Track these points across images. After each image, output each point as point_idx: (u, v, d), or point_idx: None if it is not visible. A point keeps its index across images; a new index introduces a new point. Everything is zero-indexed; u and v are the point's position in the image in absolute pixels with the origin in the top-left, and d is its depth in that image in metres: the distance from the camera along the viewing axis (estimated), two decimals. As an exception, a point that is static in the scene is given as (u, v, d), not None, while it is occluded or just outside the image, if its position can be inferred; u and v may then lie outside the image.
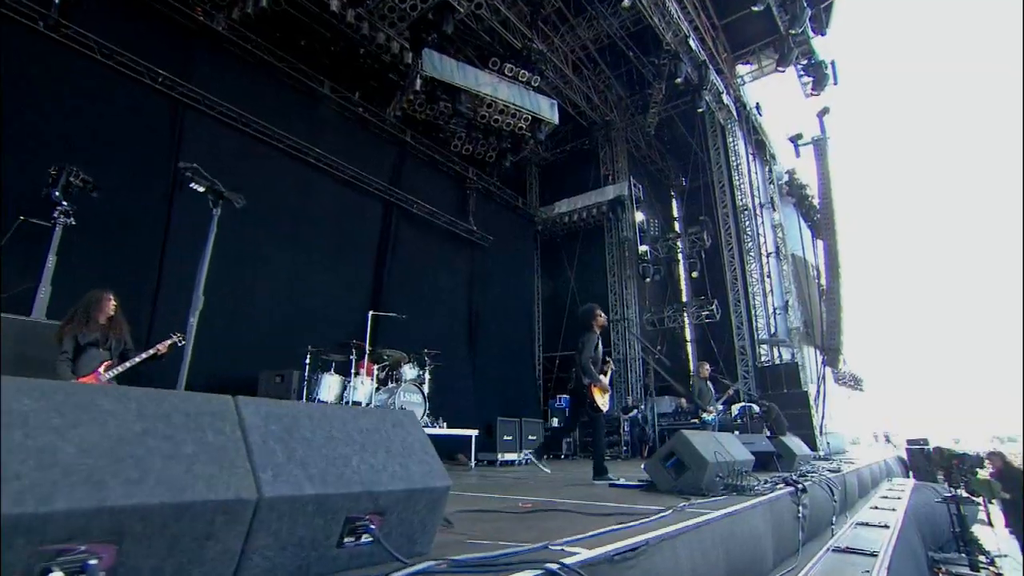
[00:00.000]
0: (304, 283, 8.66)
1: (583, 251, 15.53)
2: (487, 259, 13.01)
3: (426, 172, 11.81)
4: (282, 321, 8.25)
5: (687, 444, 4.04)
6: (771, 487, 4.14)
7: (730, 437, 4.85)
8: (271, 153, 8.55)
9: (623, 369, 14.25)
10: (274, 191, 8.53)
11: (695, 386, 7.80)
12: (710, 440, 4.32)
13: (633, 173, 15.35)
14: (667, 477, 4.09)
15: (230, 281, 7.68)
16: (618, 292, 14.78)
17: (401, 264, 10.79)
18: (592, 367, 4.94)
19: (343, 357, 6.81)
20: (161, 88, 7.08)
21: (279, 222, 8.57)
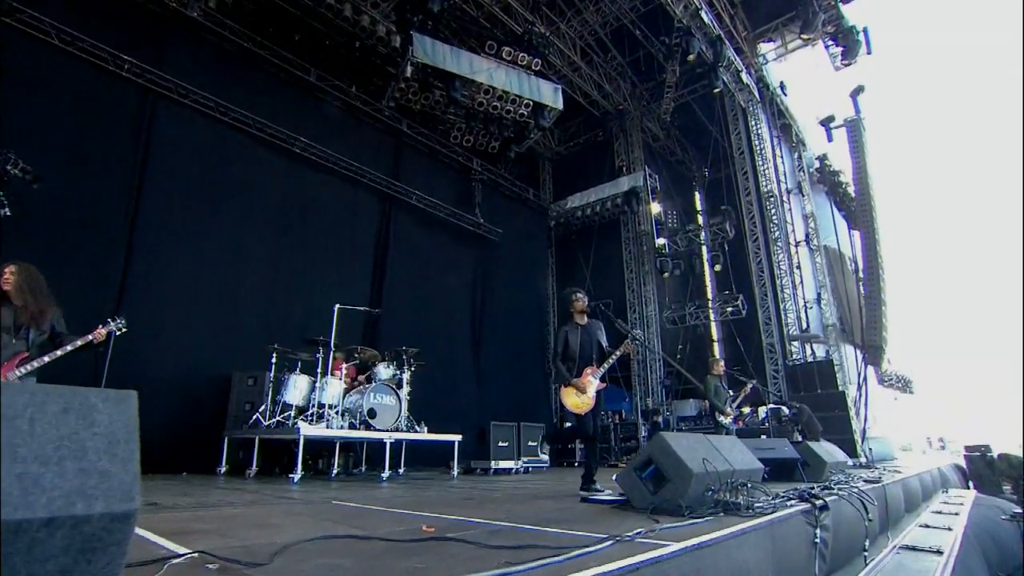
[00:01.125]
0: (293, 280, 8.24)
1: (599, 247, 14.71)
2: (496, 255, 12.41)
3: (426, 164, 11.30)
4: (267, 320, 7.81)
5: (667, 449, 3.24)
6: (779, 504, 3.27)
7: (732, 441, 3.98)
8: (251, 144, 8.15)
9: (643, 370, 13.32)
10: (257, 183, 8.16)
11: (709, 386, 6.88)
12: (700, 445, 3.49)
13: (650, 165, 14.45)
14: (643, 491, 3.29)
15: (211, 277, 7.31)
16: (636, 289, 13.90)
17: (402, 259, 10.28)
18: (560, 364, 4.21)
19: (309, 356, 6.27)
20: (128, 76, 6.71)
21: (263, 216, 8.19)
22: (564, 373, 4.16)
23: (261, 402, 6.27)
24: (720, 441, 3.80)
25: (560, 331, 4.30)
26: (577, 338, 4.30)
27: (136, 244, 6.48)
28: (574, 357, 4.22)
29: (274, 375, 6.27)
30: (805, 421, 9.64)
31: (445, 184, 11.56)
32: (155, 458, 6.07)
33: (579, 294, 4.40)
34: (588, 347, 4.29)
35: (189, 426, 6.47)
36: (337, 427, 5.87)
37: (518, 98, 10.85)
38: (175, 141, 7.15)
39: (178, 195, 7.03)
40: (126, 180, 6.53)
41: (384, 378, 6.63)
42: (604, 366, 4.21)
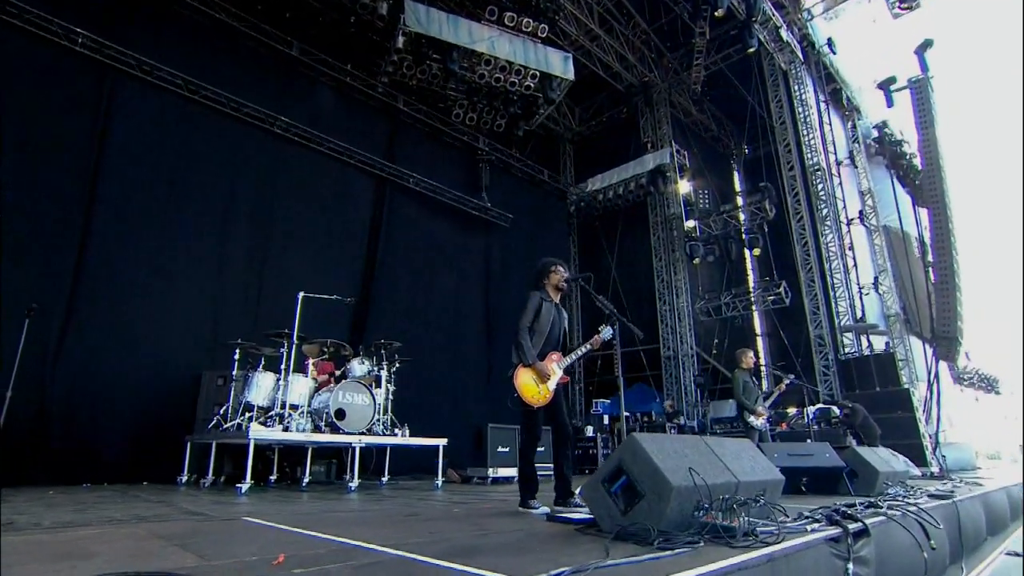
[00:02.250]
0: (273, 271, 7.89)
1: (624, 233, 14.10)
2: (508, 243, 11.89)
3: (426, 145, 10.86)
4: (245, 315, 7.50)
5: (640, 455, 2.57)
6: (793, 528, 2.54)
7: (742, 446, 3.24)
8: (226, 124, 7.85)
9: (675, 368, 12.46)
10: (233, 167, 7.85)
11: (736, 382, 6.08)
12: (691, 450, 2.78)
13: (681, 142, 13.63)
14: (611, 509, 2.63)
15: (179, 269, 7.06)
16: (666, 278, 13.10)
17: (398, 248, 9.87)
18: (527, 338, 3.56)
19: (273, 351, 5.87)
20: (83, 51, 6.46)
21: (241, 201, 7.87)
22: (530, 350, 3.52)
23: (238, 403, 5.87)
24: (724, 446, 3.07)
25: (534, 297, 3.66)
26: (550, 315, 3.68)
27: (92, 235, 6.23)
28: (543, 335, 3.61)
29: (237, 373, 5.89)
30: (860, 423, 8.64)
31: (448, 166, 11.07)
32: (112, 466, 5.80)
33: (560, 267, 3.81)
34: (557, 329, 3.72)
35: (152, 431, 6.18)
36: (299, 429, 5.40)
37: (523, 69, 10.22)
38: (137, 123, 6.88)
39: (141, 181, 6.77)
40: (81, 166, 6.28)
41: (357, 375, 6.16)
42: (571, 357, 3.65)
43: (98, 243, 6.27)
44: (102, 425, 5.90)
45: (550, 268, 3.79)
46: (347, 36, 9.46)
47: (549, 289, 3.76)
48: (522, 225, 12.11)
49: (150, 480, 5.90)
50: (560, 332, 3.74)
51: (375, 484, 6.61)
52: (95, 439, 5.81)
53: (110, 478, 5.72)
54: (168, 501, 4.05)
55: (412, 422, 7.47)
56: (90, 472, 5.63)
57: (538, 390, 3.55)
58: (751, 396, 6.07)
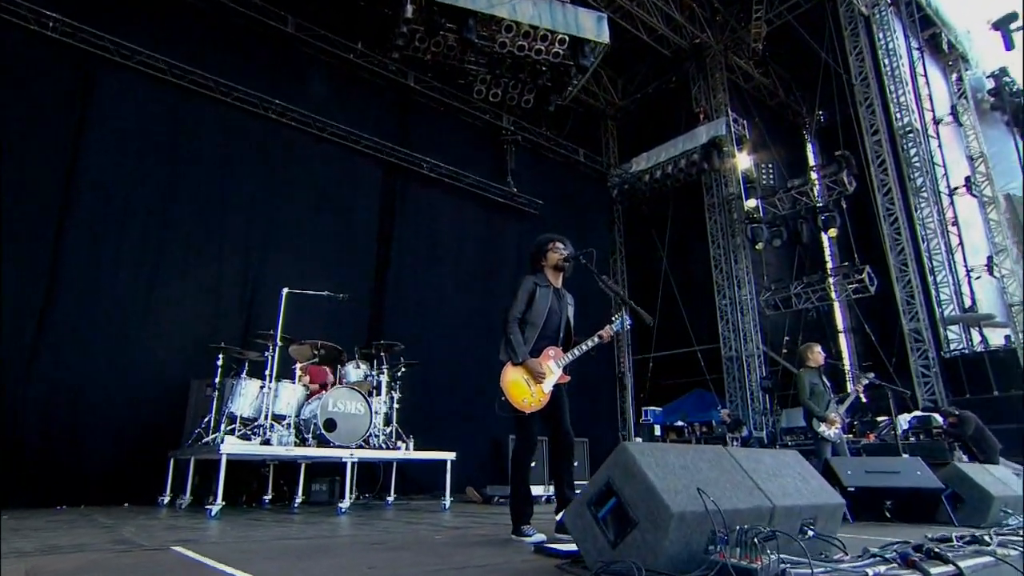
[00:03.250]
0: (272, 270, 7.76)
1: (676, 219, 13.41)
2: (540, 233, 11.31)
3: (443, 126, 10.63)
4: (241, 319, 7.46)
5: (632, 471, 2.16)
6: (849, 572, 2.03)
7: (786, 460, 2.70)
8: (216, 111, 7.82)
9: (738, 370, 11.68)
10: (225, 156, 7.83)
11: (801, 383, 5.48)
12: (705, 463, 2.31)
13: (740, 111, 12.83)
14: (598, 539, 2.22)
15: (167, 269, 7.06)
16: (725, 268, 12.36)
17: (414, 241, 9.72)
18: (516, 331, 3.30)
19: (258, 355, 5.74)
20: (56, 36, 6.54)
21: (234, 194, 7.83)
22: (519, 344, 3.28)
23: (221, 414, 5.74)
24: (758, 460, 2.55)
25: (526, 282, 3.44)
26: (546, 302, 3.42)
27: (68, 233, 6.28)
28: (536, 327, 3.37)
29: (220, 380, 5.77)
30: (972, 435, 7.71)
31: (468, 149, 10.82)
32: (92, 487, 5.79)
33: (559, 243, 3.59)
34: (557, 319, 3.47)
35: (136, 446, 6.14)
36: (281, 442, 5.19)
37: (550, 33, 9.75)
38: (118, 111, 6.91)
39: (123, 174, 6.79)
40: (57, 159, 6.33)
41: (352, 380, 5.97)
42: (573, 353, 3.39)
43: (75, 242, 6.31)
44: (81, 441, 5.91)
45: (546, 246, 3.58)
46: (348, 8, 9.34)
47: (548, 272, 3.54)
48: (556, 213, 11.69)
49: (132, 501, 5.83)
50: (561, 323, 3.50)
51: (379, 505, 6.41)
52: (73, 456, 5.81)
53: (89, 499, 5.70)
54: (117, 526, 3.89)
55: (426, 434, 7.19)
56: (68, 493, 5.62)
57: (530, 392, 3.28)
58: (820, 400, 5.43)
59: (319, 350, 5.95)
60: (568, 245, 3.63)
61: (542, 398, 3.28)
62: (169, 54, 7.30)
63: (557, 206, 11.84)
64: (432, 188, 10.09)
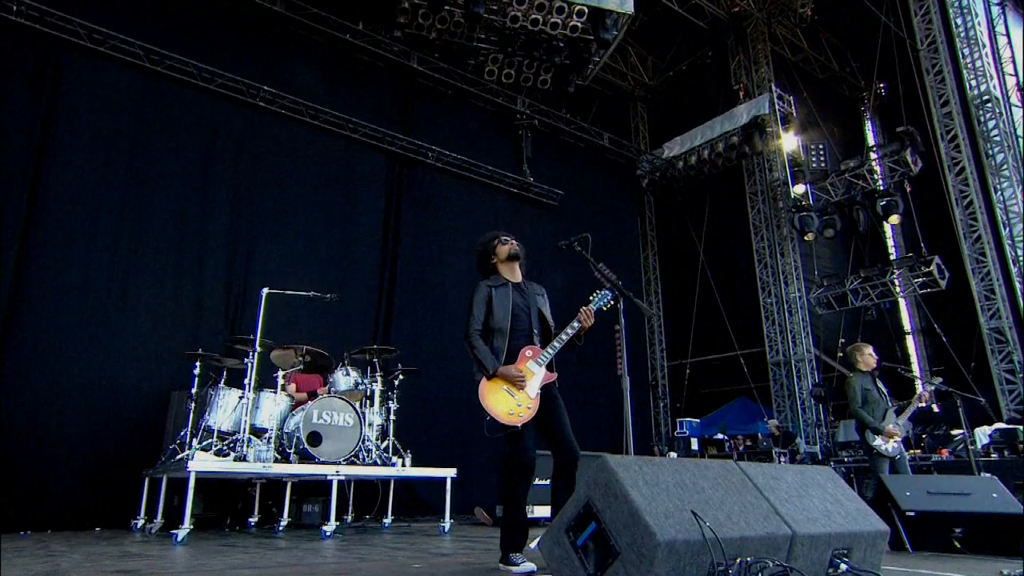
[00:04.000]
0: (262, 272, 7.65)
1: (714, 209, 13.07)
2: (560, 227, 11.21)
3: (451, 111, 10.46)
4: (228, 325, 7.39)
5: (614, 491, 1.91)
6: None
7: (811, 477, 2.39)
8: (199, 99, 7.76)
9: (787, 377, 11.23)
10: (208, 149, 7.76)
11: (851, 389, 5.11)
12: (707, 481, 2.06)
13: (786, 86, 12.42)
14: (577, 570, 1.96)
15: (146, 271, 7.01)
16: (770, 262, 11.98)
17: (422, 237, 9.58)
18: (480, 342, 3.25)
19: (237, 363, 5.62)
20: (20, 20, 6.53)
21: (219, 189, 7.76)
22: (486, 355, 3.19)
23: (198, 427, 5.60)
24: (778, 477, 2.25)
25: (479, 289, 3.38)
26: (508, 301, 3.34)
27: (35, 232, 6.24)
28: (503, 331, 3.28)
29: (197, 391, 5.64)
30: (1063, 451, 7.15)
31: (479, 135, 10.69)
32: (62, 510, 5.74)
33: (502, 235, 3.59)
34: (525, 316, 3.40)
35: (110, 464, 6.06)
36: (261, 458, 5.05)
37: (567, 5, 9.52)
38: (90, 101, 6.85)
39: (96, 169, 6.73)
40: (22, 153, 6.28)
41: (341, 389, 5.81)
42: (553, 347, 3.28)
43: (42, 243, 6.27)
44: (48, 460, 5.84)
45: (491, 243, 3.54)
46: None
47: (502, 268, 3.50)
48: (577, 204, 11.53)
49: (105, 524, 5.76)
50: (532, 318, 3.41)
51: (376, 527, 6.25)
52: (39, 477, 5.73)
53: (58, 523, 5.62)
54: (68, 554, 3.76)
55: (429, 449, 7.04)
56: (35, 517, 5.55)
57: (515, 402, 3.14)
58: (875, 409, 5.03)
59: (304, 356, 5.80)
60: (511, 237, 3.59)
61: (530, 404, 3.16)
62: (145, 38, 7.24)
63: (579, 197, 11.62)
64: (441, 179, 9.95)
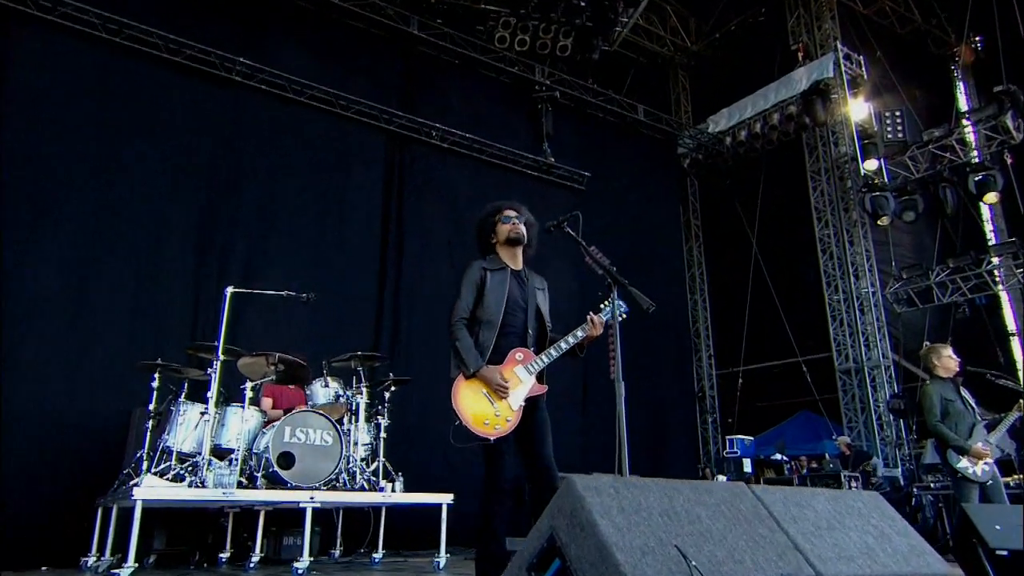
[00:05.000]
0: (236, 269, 7.65)
1: (768, 192, 12.76)
2: (589, 214, 10.81)
3: (457, 84, 10.43)
4: (196, 332, 7.28)
5: (580, 521, 1.76)
6: None
7: (846, 504, 2.15)
8: (166, 73, 7.72)
9: (857, 387, 10.92)
10: (179, 128, 7.73)
11: (928, 399, 4.81)
12: (706, 509, 1.98)
13: (855, 44, 12.03)
14: None
15: (103, 270, 6.99)
16: (837, 253, 11.65)
17: (425, 226, 9.50)
18: (464, 332, 3.15)
19: (200, 373, 5.59)
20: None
21: (189, 177, 7.74)
22: (468, 350, 3.09)
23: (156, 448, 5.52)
24: (802, 504, 1.97)
25: (471, 270, 3.29)
26: (503, 289, 3.24)
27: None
28: (493, 324, 3.17)
29: (156, 406, 5.59)
30: None
31: (492, 111, 10.64)
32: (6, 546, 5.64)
33: (509, 210, 3.43)
34: (521, 311, 3.30)
35: (62, 493, 6.00)
36: (222, 483, 4.94)
37: (587, -44, 9.34)
38: (38, 77, 6.81)
39: (45, 154, 6.71)
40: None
41: (319, 403, 5.77)
42: (548, 355, 3.21)
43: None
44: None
45: (493, 217, 3.42)
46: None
47: (501, 251, 3.41)
48: (607, 187, 11.44)
49: (54, 562, 5.69)
50: (529, 315, 3.32)
51: (365, 563, 6.18)
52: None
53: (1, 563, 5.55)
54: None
55: (427, 472, 6.90)
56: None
57: (492, 411, 3.02)
58: (959, 423, 4.67)
59: (276, 365, 5.65)
60: (525, 212, 3.45)
61: (510, 417, 3.04)
62: (101, 5, 7.22)
63: (609, 179, 11.52)
64: (447, 161, 9.89)
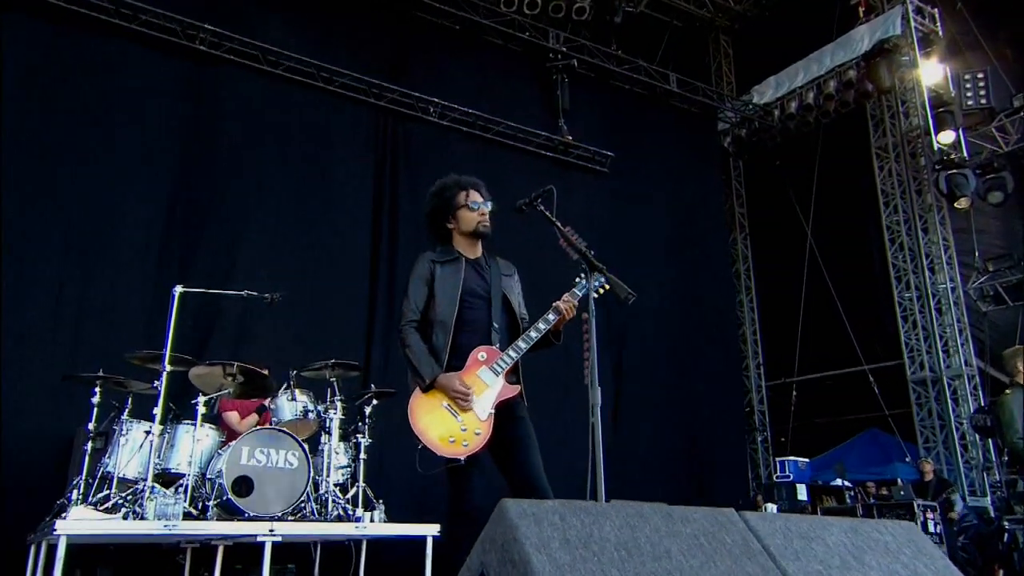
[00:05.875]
0: (204, 266, 7.65)
1: (825, 173, 12.56)
2: (615, 200, 11.20)
3: (459, 53, 10.43)
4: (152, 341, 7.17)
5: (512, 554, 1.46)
6: None
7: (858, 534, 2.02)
8: (121, 42, 7.68)
9: (933, 400, 10.76)
10: (134, 105, 7.68)
11: (1007, 412, 4.83)
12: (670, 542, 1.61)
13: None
14: None
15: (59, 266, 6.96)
16: (908, 243, 11.63)
17: (423, 219, 9.14)
18: (415, 336, 3.14)
19: (146, 386, 5.45)
20: None
21: (151, 161, 7.68)
22: (421, 356, 3.05)
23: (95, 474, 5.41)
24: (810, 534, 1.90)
25: (420, 264, 3.29)
26: (456, 283, 3.22)
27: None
28: (445, 325, 3.13)
29: (96, 425, 5.44)
30: None
31: (499, 83, 10.64)
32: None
33: (473, 190, 3.37)
34: (482, 304, 3.27)
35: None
36: (165, 514, 4.82)
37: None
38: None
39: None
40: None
41: (285, 418, 5.73)
42: (517, 348, 3.11)
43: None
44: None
45: (454, 198, 3.35)
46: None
47: (459, 240, 3.37)
48: (635, 170, 11.41)
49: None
50: (495, 308, 3.26)
51: None
52: None
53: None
54: None
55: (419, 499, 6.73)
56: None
57: (457, 425, 2.92)
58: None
59: (235, 375, 5.49)
60: (484, 191, 3.38)
61: (479, 429, 2.91)
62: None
63: (637, 161, 11.49)
64: (447, 141, 9.82)
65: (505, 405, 3.01)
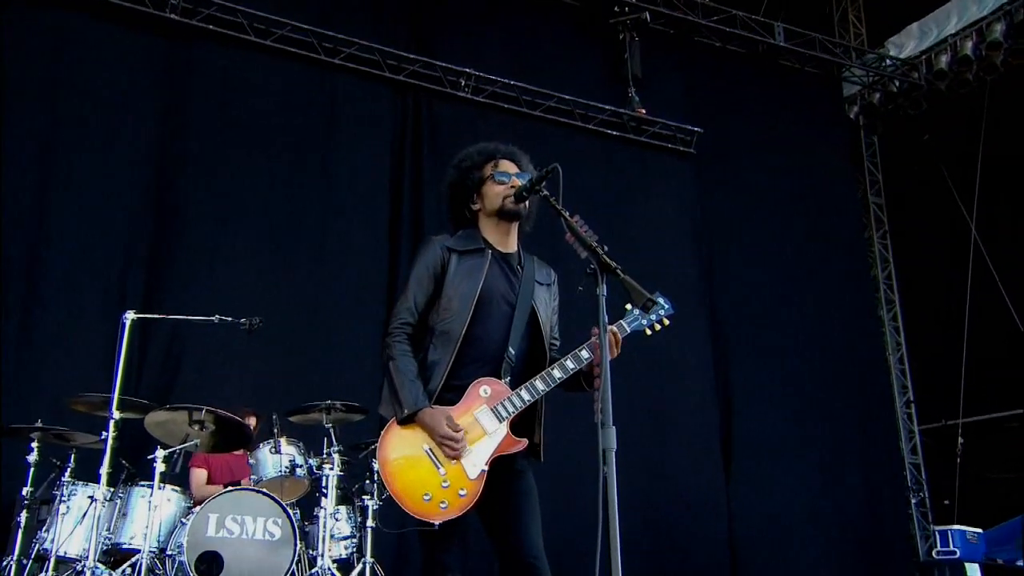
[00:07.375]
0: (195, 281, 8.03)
1: (993, 151, 12.30)
2: (710, 190, 11.45)
3: (496, 11, 10.65)
4: (144, 369, 7.57)
5: None
6: None
7: None
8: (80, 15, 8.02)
9: None
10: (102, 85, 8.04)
11: None
12: None
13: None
14: None
15: None
16: None
17: None
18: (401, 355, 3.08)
19: (93, 439, 5.66)
20: None
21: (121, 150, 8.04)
22: (404, 379, 2.99)
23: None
24: None
25: (430, 250, 3.26)
26: (478, 280, 3.14)
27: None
28: (451, 336, 3.08)
29: (31, 490, 5.63)
30: None
31: (548, 48, 10.85)
32: None
33: (504, 159, 3.32)
34: (502, 315, 3.19)
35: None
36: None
37: None
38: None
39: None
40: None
41: (269, 476, 5.85)
42: (534, 389, 3.06)
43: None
44: None
45: (480, 171, 3.30)
46: None
47: (484, 224, 3.34)
48: (731, 152, 11.66)
49: None
50: (516, 325, 3.20)
51: None
52: None
53: None
54: None
55: None
56: None
57: (436, 479, 2.87)
58: None
59: (203, 423, 5.63)
60: (528, 165, 3.38)
61: (464, 489, 2.84)
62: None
63: (735, 139, 11.70)
64: (486, 120, 9.97)
65: (504, 460, 2.95)
